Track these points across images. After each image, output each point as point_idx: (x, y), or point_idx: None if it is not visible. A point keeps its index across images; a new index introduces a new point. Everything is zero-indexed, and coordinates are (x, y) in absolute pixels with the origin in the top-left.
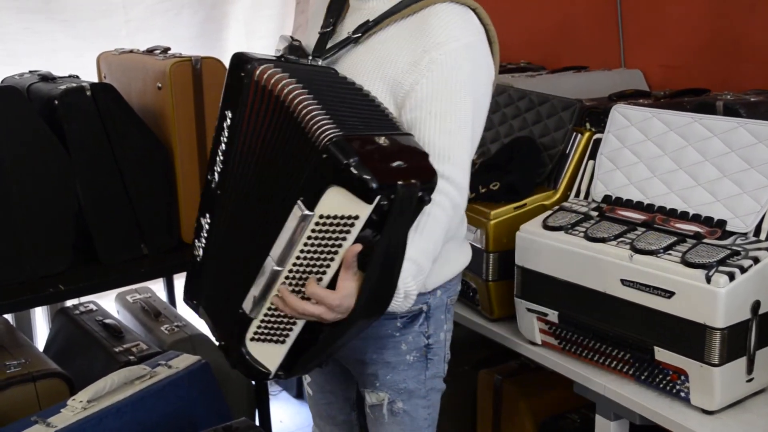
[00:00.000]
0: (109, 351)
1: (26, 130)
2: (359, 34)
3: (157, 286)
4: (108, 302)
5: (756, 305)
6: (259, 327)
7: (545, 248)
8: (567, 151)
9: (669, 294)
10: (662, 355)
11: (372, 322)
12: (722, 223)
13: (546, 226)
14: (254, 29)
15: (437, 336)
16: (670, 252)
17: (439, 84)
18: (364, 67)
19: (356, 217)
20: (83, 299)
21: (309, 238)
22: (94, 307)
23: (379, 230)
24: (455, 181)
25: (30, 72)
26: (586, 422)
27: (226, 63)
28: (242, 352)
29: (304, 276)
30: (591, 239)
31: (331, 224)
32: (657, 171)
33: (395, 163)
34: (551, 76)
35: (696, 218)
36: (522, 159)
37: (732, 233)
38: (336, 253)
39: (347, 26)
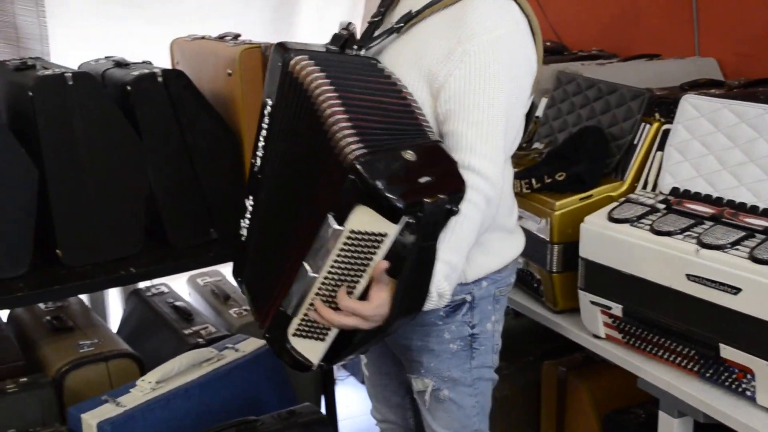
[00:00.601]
0: (179, 333)
1: (100, 115)
2: (401, 24)
3: (228, 270)
4: (180, 284)
5: None
6: (299, 325)
7: (610, 241)
8: (635, 142)
9: (736, 290)
10: (728, 352)
11: (408, 321)
12: None
13: (611, 218)
14: (326, 15)
15: (483, 326)
16: (737, 247)
17: (471, 76)
18: (403, 58)
19: (384, 235)
20: (155, 281)
21: (341, 250)
22: (166, 290)
23: (408, 244)
24: (486, 175)
25: (105, 58)
26: (651, 417)
27: None
28: (285, 345)
29: (338, 283)
30: (657, 232)
31: (361, 239)
32: (727, 163)
33: (422, 179)
34: (622, 64)
35: (766, 213)
36: (589, 149)
37: None
38: (368, 265)
39: (395, 16)
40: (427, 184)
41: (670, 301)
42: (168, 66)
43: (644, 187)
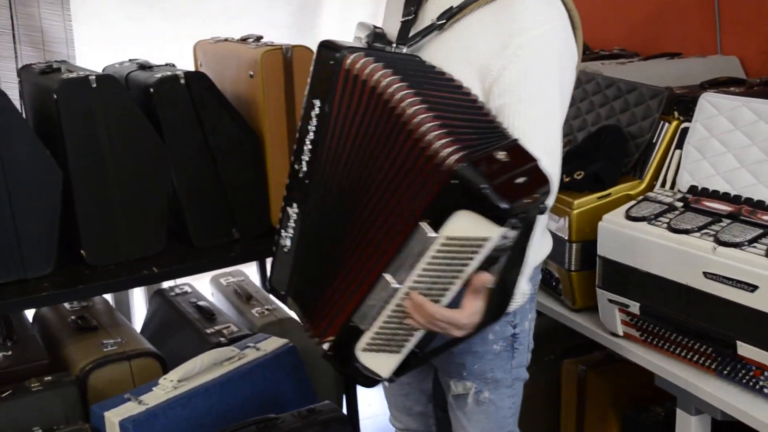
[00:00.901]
0: (201, 332)
1: (124, 117)
2: (443, 21)
3: (251, 270)
4: (203, 284)
5: None
6: (372, 339)
7: (627, 239)
8: (654, 140)
9: (752, 288)
10: (745, 349)
11: (492, 325)
12: None
13: (629, 217)
14: (349, 16)
15: (522, 325)
16: (755, 245)
17: (527, 69)
18: (450, 54)
19: (486, 239)
20: (179, 281)
21: (433, 258)
22: (189, 290)
23: (506, 247)
24: (546, 170)
25: (129, 60)
26: (670, 415)
27: None
28: (353, 363)
29: (424, 293)
30: (674, 230)
31: (458, 246)
32: (745, 161)
33: (519, 180)
34: (643, 63)
35: None
36: (607, 148)
37: None
38: (461, 271)
39: (429, 13)
40: (524, 185)
41: (687, 299)
42: (192, 67)
43: (663, 185)
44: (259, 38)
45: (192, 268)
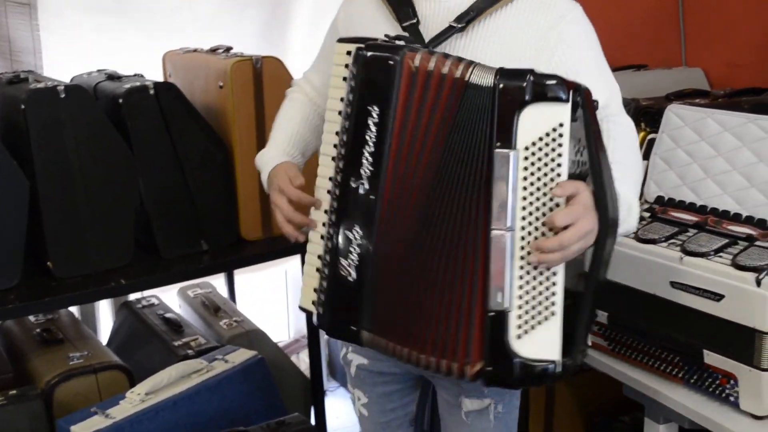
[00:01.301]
0: (169, 345)
1: (92, 128)
2: (463, 24)
3: (218, 282)
4: (170, 296)
5: None
6: (520, 316)
7: None
8: None
9: (718, 297)
10: (711, 358)
11: (613, 244)
12: None
13: None
14: (317, 29)
15: None
16: (721, 254)
17: (578, 45)
18: (486, 57)
19: (561, 125)
20: (146, 293)
21: (525, 179)
22: (156, 302)
23: (583, 131)
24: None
25: (98, 71)
26: (637, 424)
27: (289, 62)
28: (515, 362)
29: (536, 220)
30: (641, 240)
31: (539, 149)
32: (711, 172)
33: (553, 78)
34: None
35: (749, 220)
36: None
37: None
38: (558, 175)
39: (428, 11)
40: (559, 77)
41: (654, 309)
42: (161, 79)
43: None
44: (228, 49)
45: (160, 280)
